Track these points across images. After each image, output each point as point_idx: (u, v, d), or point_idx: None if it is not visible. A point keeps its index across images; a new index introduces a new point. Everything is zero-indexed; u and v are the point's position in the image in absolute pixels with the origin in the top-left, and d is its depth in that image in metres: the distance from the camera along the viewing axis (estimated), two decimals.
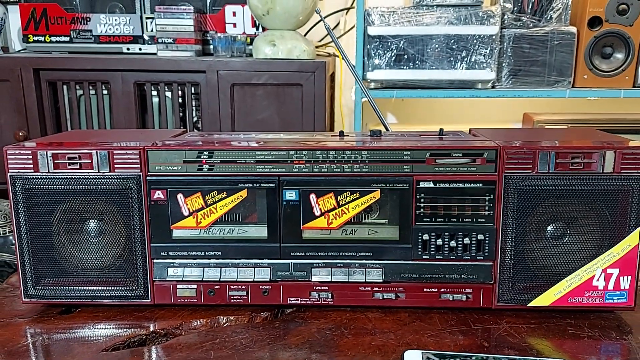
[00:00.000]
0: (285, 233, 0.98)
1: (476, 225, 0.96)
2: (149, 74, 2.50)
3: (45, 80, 2.56)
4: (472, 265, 0.98)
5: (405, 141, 1.01)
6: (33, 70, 2.51)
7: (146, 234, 0.99)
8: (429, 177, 0.95)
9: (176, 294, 1.01)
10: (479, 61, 2.50)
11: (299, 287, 1.00)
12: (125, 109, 2.57)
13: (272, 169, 0.96)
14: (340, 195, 0.96)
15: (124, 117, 2.59)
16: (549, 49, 2.56)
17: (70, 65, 2.53)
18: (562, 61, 2.55)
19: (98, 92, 2.59)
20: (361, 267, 0.99)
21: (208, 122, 2.52)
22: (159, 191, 0.97)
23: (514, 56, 2.54)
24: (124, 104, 2.56)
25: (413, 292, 0.99)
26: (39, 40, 2.78)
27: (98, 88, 2.59)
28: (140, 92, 2.58)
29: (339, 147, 0.95)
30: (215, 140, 1.03)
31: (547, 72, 2.58)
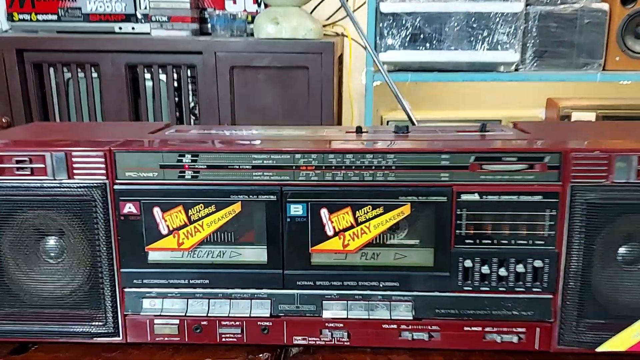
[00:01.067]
0: (289, 257, 0.78)
1: (533, 249, 0.75)
2: (141, 56, 2.29)
3: (29, 63, 2.35)
4: (527, 299, 0.77)
5: (441, 140, 0.80)
6: (16, 51, 2.29)
7: (115, 257, 0.79)
8: (474, 188, 0.74)
9: (154, 331, 0.81)
10: (502, 41, 2.26)
11: (307, 324, 0.80)
12: (117, 93, 2.36)
13: (272, 176, 0.75)
14: (359, 211, 0.75)
15: (115, 103, 2.38)
16: (577, 28, 2.33)
17: (57, 46, 2.32)
18: (592, 42, 2.32)
19: (87, 75, 2.38)
20: (385, 300, 0.78)
21: (205, 108, 2.31)
22: (130, 204, 0.77)
23: (540, 36, 2.31)
24: (115, 88, 2.35)
25: (451, 332, 0.79)
26: (24, 19, 2.57)
27: (87, 71, 2.38)
28: (133, 75, 2.37)
29: (357, 150, 0.74)
30: (201, 139, 0.83)
31: (576, 53, 2.35)
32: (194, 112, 2.37)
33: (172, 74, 2.31)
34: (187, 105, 2.36)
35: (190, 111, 2.38)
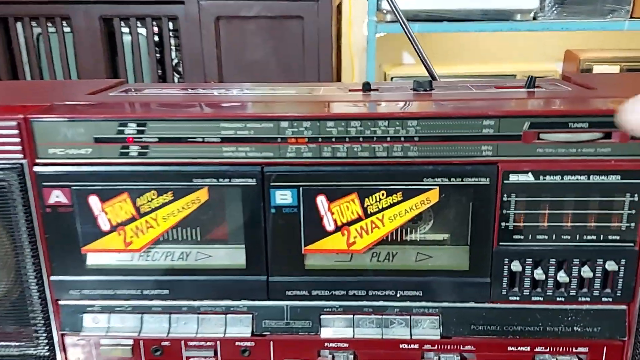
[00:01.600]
0: (275, 260, 0.58)
1: (604, 247, 0.56)
2: (117, 7, 2.06)
3: None
4: (593, 311, 0.58)
5: (478, 100, 0.59)
6: None
7: (43, 261, 0.59)
8: (527, 165, 0.54)
9: (100, 354, 0.62)
10: None
11: (301, 344, 0.61)
12: (91, 50, 2.13)
13: (250, 152, 0.55)
14: (369, 198, 0.55)
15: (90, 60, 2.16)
16: None
17: None
18: None
19: (58, 29, 2.15)
20: (404, 313, 0.59)
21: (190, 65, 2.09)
22: (58, 191, 0.56)
23: None
24: (89, 43, 2.13)
25: (489, 352, 0.60)
26: None
27: (58, 25, 2.15)
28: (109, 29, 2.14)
29: (366, 115, 0.54)
30: (154, 102, 0.62)
31: None
32: (178, 69, 2.15)
33: (151, 27, 2.09)
34: (170, 62, 2.14)
35: (174, 68, 2.15)
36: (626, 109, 0.42)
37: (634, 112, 0.41)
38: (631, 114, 0.41)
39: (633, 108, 0.41)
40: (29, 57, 2.22)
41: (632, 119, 0.41)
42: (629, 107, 0.41)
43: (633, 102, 0.42)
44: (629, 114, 0.41)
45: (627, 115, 0.42)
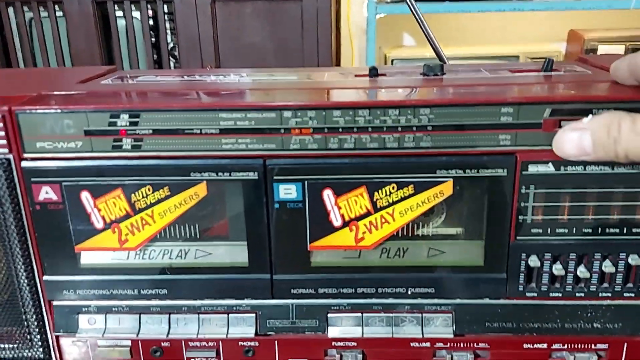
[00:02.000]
0: (280, 257, 0.55)
1: (628, 240, 0.53)
2: None
3: None
4: (614, 307, 0.55)
5: (494, 85, 0.55)
6: None
7: (35, 260, 0.56)
8: (547, 156, 0.50)
9: (98, 356, 0.59)
10: None
11: (307, 343, 0.58)
12: (85, 34, 2.09)
13: (252, 144, 0.51)
14: (378, 191, 0.52)
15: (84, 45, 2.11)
16: None
17: None
18: None
19: (51, 14, 2.11)
20: (416, 311, 0.56)
21: (186, 50, 2.04)
22: (48, 187, 0.53)
23: None
24: (82, 28, 2.08)
25: (505, 350, 0.57)
26: None
27: (50, 9, 2.10)
28: (102, 12, 2.10)
29: (375, 103, 0.50)
30: (148, 90, 0.58)
31: None
32: (174, 53, 2.10)
33: (146, 11, 2.04)
34: (166, 47, 2.09)
35: (170, 53, 2.11)
36: (556, 140, 0.49)
37: (562, 142, 0.48)
38: (560, 144, 0.48)
39: (561, 138, 0.48)
40: (22, 43, 2.18)
41: (562, 149, 0.48)
42: (558, 138, 0.48)
43: (561, 133, 0.48)
44: (558, 144, 0.48)
45: (557, 145, 0.49)
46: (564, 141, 0.48)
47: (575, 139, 0.47)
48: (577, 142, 0.47)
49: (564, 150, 0.48)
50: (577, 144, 0.47)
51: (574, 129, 0.47)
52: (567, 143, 0.48)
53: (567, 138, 0.48)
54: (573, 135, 0.47)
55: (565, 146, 0.48)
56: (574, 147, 0.47)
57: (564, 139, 0.48)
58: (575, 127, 0.47)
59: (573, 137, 0.47)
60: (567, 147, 0.48)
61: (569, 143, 0.47)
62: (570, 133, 0.47)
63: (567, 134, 0.48)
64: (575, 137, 0.47)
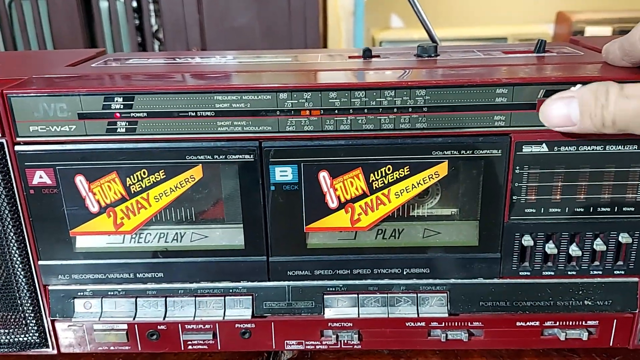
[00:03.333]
0: (276, 239, 0.55)
1: (618, 219, 0.54)
2: None
3: None
4: (604, 284, 0.56)
5: (487, 66, 0.56)
6: None
7: (29, 245, 0.56)
8: (541, 136, 0.51)
9: (95, 339, 0.59)
10: None
11: (303, 324, 0.58)
12: (67, 17, 2.05)
13: (247, 126, 0.51)
14: (374, 173, 0.52)
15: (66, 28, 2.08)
16: None
17: None
18: None
19: None
20: (411, 291, 0.57)
21: (171, 32, 2.02)
22: (41, 171, 0.53)
23: None
24: (64, 11, 2.04)
25: (498, 328, 0.58)
26: None
27: None
28: None
29: (371, 84, 0.50)
30: (141, 73, 0.57)
31: None
32: (158, 36, 2.07)
33: None
34: (150, 29, 2.06)
35: (154, 35, 2.08)
36: (543, 109, 0.48)
37: (549, 111, 0.48)
38: (547, 113, 0.48)
39: (548, 107, 0.48)
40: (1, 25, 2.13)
41: (548, 118, 0.48)
42: (545, 108, 0.48)
43: (548, 101, 0.48)
44: (545, 113, 0.48)
45: (543, 114, 0.48)
46: (551, 109, 0.47)
47: (563, 107, 0.47)
48: (564, 111, 0.47)
49: (551, 119, 0.48)
50: (564, 112, 0.47)
51: (562, 97, 0.47)
52: (554, 111, 0.47)
53: (555, 106, 0.47)
54: (560, 104, 0.47)
55: (552, 114, 0.47)
56: (561, 116, 0.47)
57: (551, 107, 0.47)
58: (562, 96, 0.47)
59: (560, 105, 0.47)
60: (553, 116, 0.47)
61: (555, 111, 0.47)
62: (557, 101, 0.47)
63: (554, 102, 0.47)
64: (563, 105, 0.47)
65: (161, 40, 2.08)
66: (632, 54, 0.49)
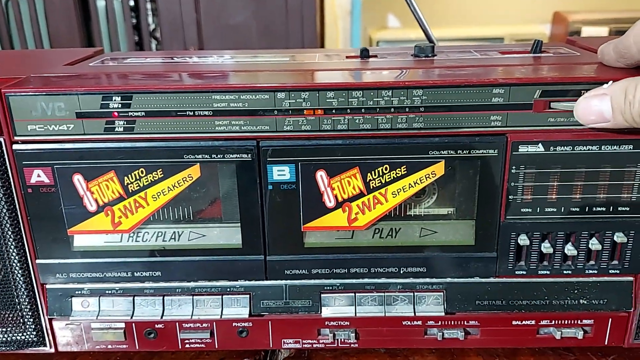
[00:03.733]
0: (273, 238, 0.55)
1: (614, 219, 0.54)
2: None
3: None
4: (600, 283, 0.57)
5: (484, 67, 0.56)
6: None
7: (27, 244, 0.56)
8: (537, 136, 0.51)
9: (92, 338, 0.59)
10: None
11: (301, 323, 0.59)
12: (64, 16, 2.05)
13: (245, 126, 0.51)
14: (371, 172, 0.52)
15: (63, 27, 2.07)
16: None
17: None
18: None
19: None
20: (407, 290, 0.57)
21: (168, 31, 2.02)
22: (39, 170, 0.53)
23: None
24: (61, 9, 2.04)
25: (494, 327, 0.59)
26: None
27: None
28: None
29: (369, 84, 0.50)
30: (139, 72, 0.57)
31: None
32: (155, 35, 2.07)
33: None
34: (147, 28, 2.06)
35: (151, 34, 2.08)
36: (577, 107, 0.49)
37: (583, 109, 0.48)
38: (581, 111, 0.48)
39: (583, 106, 0.48)
40: None
41: (583, 116, 0.48)
42: (580, 107, 0.48)
43: (582, 100, 0.48)
44: (580, 112, 0.48)
45: (578, 112, 0.49)
46: (585, 107, 0.48)
47: (596, 104, 0.47)
48: (597, 109, 0.47)
49: (585, 117, 0.48)
50: (598, 110, 0.47)
51: (595, 96, 0.47)
52: (589, 109, 0.48)
53: (589, 104, 0.48)
54: (594, 101, 0.47)
55: (587, 112, 0.48)
56: (595, 114, 0.47)
57: (585, 105, 0.48)
58: (595, 94, 0.47)
59: (594, 103, 0.47)
60: (588, 114, 0.48)
61: (590, 109, 0.48)
62: (591, 100, 0.47)
63: (588, 100, 0.48)
64: (596, 102, 0.47)
65: (158, 39, 2.08)
66: (627, 56, 0.49)
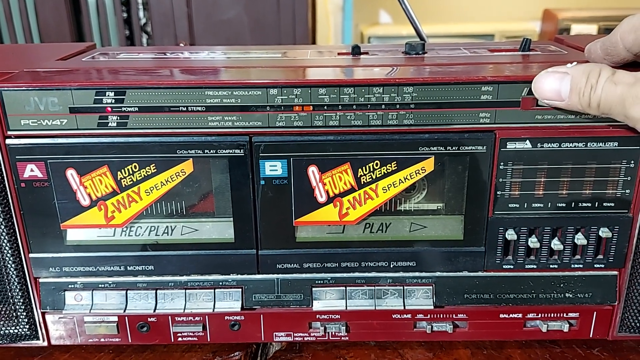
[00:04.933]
0: (266, 233, 0.56)
1: (599, 214, 0.55)
2: None
3: None
4: (585, 277, 0.58)
5: (473, 64, 0.57)
6: None
7: (20, 237, 0.56)
8: (525, 133, 0.52)
9: (85, 331, 0.60)
10: None
11: (292, 316, 0.59)
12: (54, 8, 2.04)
13: (237, 121, 0.52)
14: (362, 168, 0.53)
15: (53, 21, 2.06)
16: None
17: None
18: None
19: None
20: (397, 284, 0.58)
21: (159, 25, 2.01)
22: (33, 165, 0.53)
23: None
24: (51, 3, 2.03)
25: (482, 320, 0.60)
26: None
27: None
28: None
29: (360, 81, 0.51)
30: (132, 68, 0.58)
31: None
32: (146, 29, 2.07)
33: None
34: (138, 22, 2.05)
35: (142, 29, 2.07)
36: (536, 80, 0.49)
37: (542, 83, 0.49)
38: (539, 85, 0.49)
39: (542, 79, 0.49)
40: None
41: (540, 89, 0.49)
42: (539, 79, 0.49)
43: (543, 73, 0.49)
44: (537, 84, 0.49)
45: (536, 85, 0.49)
46: (544, 82, 0.49)
47: (555, 81, 0.48)
48: (555, 86, 0.48)
49: (542, 92, 0.49)
50: (555, 87, 0.48)
51: (556, 72, 0.48)
52: (547, 85, 0.49)
53: (548, 80, 0.49)
54: (553, 78, 0.48)
55: (544, 87, 0.49)
56: (552, 90, 0.48)
57: (545, 80, 0.49)
58: (557, 70, 0.49)
59: (553, 79, 0.48)
60: (545, 89, 0.49)
61: (548, 85, 0.49)
62: (551, 75, 0.49)
63: (548, 75, 0.49)
64: (556, 79, 0.48)
65: (149, 33, 2.07)
66: (613, 53, 0.51)
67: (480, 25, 2.29)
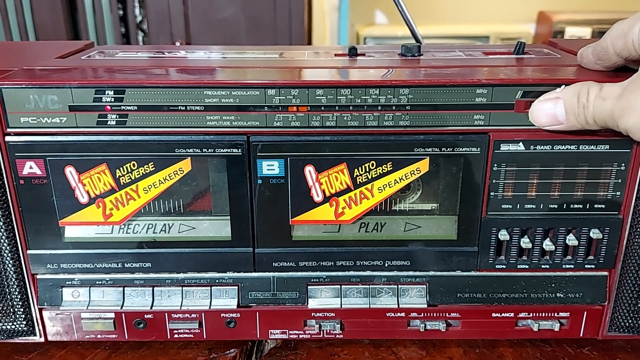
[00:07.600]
0: (262, 231, 0.57)
1: (590, 215, 0.56)
2: None
3: None
4: (576, 277, 0.59)
5: (468, 67, 0.58)
6: None
7: (18, 234, 0.56)
8: (518, 135, 0.53)
9: (82, 328, 0.60)
10: None
11: (288, 314, 0.60)
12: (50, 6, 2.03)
13: (236, 121, 0.53)
14: (358, 168, 0.54)
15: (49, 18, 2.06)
16: None
17: None
18: None
19: None
20: (391, 283, 0.59)
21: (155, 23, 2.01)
22: (32, 162, 0.54)
23: None
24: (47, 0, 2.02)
25: (474, 319, 0.61)
26: None
27: None
28: None
29: (357, 82, 0.52)
30: (131, 67, 0.58)
31: None
32: (142, 27, 2.06)
33: None
34: (134, 20, 2.05)
35: (138, 26, 2.07)
36: (532, 110, 0.51)
37: (538, 112, 0.51)
38: (536, 113, 0.51)
39: (537, 109, 0.51)
40: None
41: (537, 119, 0.51)
42: (534, 109, 0.51)
43: (536, 103, 0.51)
44: (534, 115, 0.51)
45: (533, 115, 0.51)
46: (539, 111, 0.50)
47: (550, 107, 0.50)
48: (551, 112, 0.50)
49: (540, 120, 0.51)
50: (551, 113, 0.50)
51: (548, 99, 0.50)
52: (542, 112, 0.50)
53: (542, 108, 0.50)
54: (547, 105, 0.50)
55: (541, 114, 0.50)
56: (549, 116, 0.50)
57: (540, 109, 0.50)
58: (549, 97, 0.50)
59: (548, 106, 0.50)
60: (542, 117, 0.50)
61: (543, 112, 0.50)
62: (545, 103, 0.50)
63: (541, 104, 0.50)
64: (550, 106, 0.50)
65: (145, 31, 2.07)
66: (605, 58, 0.51)
67: (476, 26, 2.30)
